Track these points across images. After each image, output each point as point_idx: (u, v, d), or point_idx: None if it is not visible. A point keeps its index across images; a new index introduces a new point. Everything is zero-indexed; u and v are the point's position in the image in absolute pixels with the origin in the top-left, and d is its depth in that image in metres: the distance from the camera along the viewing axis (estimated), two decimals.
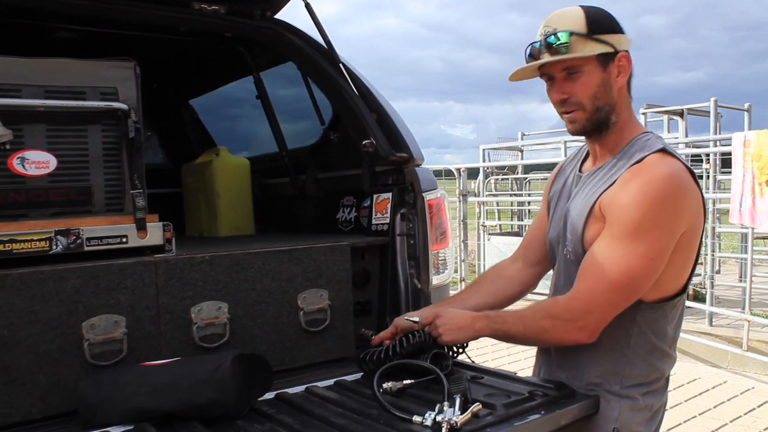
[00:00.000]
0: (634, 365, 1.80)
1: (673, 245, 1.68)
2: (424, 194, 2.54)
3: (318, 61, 2.73)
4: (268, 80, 3.30)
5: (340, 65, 2.65)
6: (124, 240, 2.08)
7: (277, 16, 2.85)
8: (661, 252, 1.66)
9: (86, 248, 2.01)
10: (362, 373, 2.10)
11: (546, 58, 1.74)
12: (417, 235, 2.54)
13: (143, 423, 1.76)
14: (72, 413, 1.87)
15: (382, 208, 2.66)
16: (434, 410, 1.68)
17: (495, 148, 10.21)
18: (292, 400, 1.94)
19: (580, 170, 1.94)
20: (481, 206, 9.16)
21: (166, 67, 3.69)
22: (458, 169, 8.44)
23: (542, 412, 1.76)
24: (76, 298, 1.93)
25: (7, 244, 1.90)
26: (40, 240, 1.95)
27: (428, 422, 1.63)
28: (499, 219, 9.08)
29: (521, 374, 2.08)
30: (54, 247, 1.97)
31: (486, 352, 6.08)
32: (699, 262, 2.03)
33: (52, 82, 2.03)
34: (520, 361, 5.73)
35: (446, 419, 1.61)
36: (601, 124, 1.78)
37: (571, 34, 1.70)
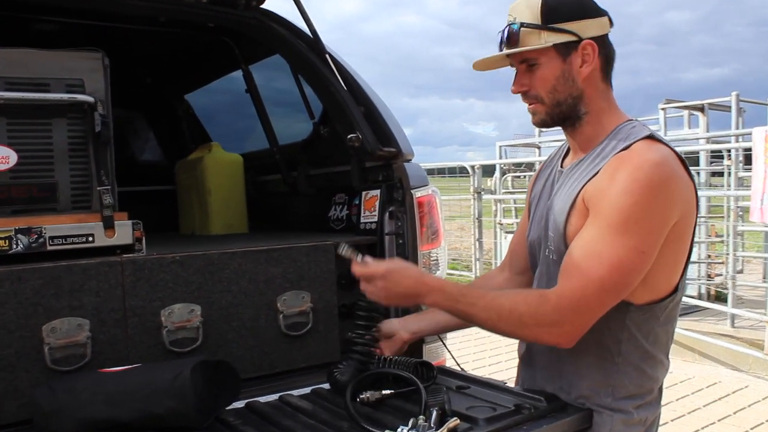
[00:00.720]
0: (625, 374, 1.66)
1: (664, 237, 1.54)
2: (413, 191, 2.41)
3: (304, 52, 2.62)
4: (258, 73, 3.20)
5: (327, 56, 2.53)
6: (90, 239, 1.98)
7: (266, 6, 2.74)
8: (653, 244, 1.52)
9: (49, 247, 1.92)
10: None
11: (504, 49, 1.66)
12: (406, 234, 2.41)
13: None
14: (30, 421, 1.78)
15: (370, 206, 2.54)
16: (407, 425, 1.56)
17: (512, 145, 10.05)
18: (261, 409, 1.84)
19: (561, 166, 1.81)
20: (498, 204, 9.02)
21: (159, 62, 3.62)
22: (473, 166, 8.30)
23: (526, 427, 1.64)
24: (35, 300, 1.84)
25: None
26: None
27: None
28: (516, 217, 8.91)
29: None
30: (14, 246, 1.87)
31: (483, 357, 5.93)
32: (721, 261, 1.87)
33: (13, 73, 1.93)
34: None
35: None
36: (566, 116, 1.68)
37: (522, 25, 1.62)
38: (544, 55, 1.62)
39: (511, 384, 1.96)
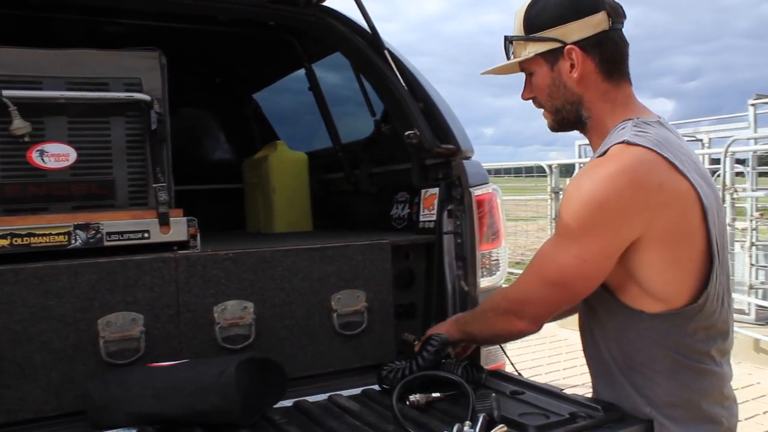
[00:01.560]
0: (658, 385, 1.57)
1: (620, 249, 1.49)
2: (471, 189, 2.34)
3: (363, 48, 2.59)
4: (320, 71, 3.20)
5: (385, 52, 2.50)
6: (145, 235, 2.01)
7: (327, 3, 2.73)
8: (598, 255, 1.51)
9: (106, 243, 1.95)
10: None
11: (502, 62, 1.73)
12: (465, 233, 2.35)
13: (146, 427, 1.68)
14: (85, 413, 1.82)
15: (429, 204, 2.49)
16: (452, 430, 1.52)
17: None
18: (308, 409, 1.82)
19: None
20: None
21: (227, 62, 3.67)
22: (549, 166, 8.10)
23: None
24: (91, 294, 1.88)
25: (24, 238, 1.86)
26: (58, 234, 1.90)
27: None
28: None
29: (577, 391, 1.88)
30: (73, 241, 1.92)
31: (540, 365, 5.76)
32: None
33: (73, 74, 1.98)
34: (576, 376, 5.34)
35: None
36: (571, 121, 1.68)
37: (511, 39, 1.68)
38: (534, 64, 1.65)
39: (585, 389, 1.88)
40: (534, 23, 1.62)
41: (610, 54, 1.60)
